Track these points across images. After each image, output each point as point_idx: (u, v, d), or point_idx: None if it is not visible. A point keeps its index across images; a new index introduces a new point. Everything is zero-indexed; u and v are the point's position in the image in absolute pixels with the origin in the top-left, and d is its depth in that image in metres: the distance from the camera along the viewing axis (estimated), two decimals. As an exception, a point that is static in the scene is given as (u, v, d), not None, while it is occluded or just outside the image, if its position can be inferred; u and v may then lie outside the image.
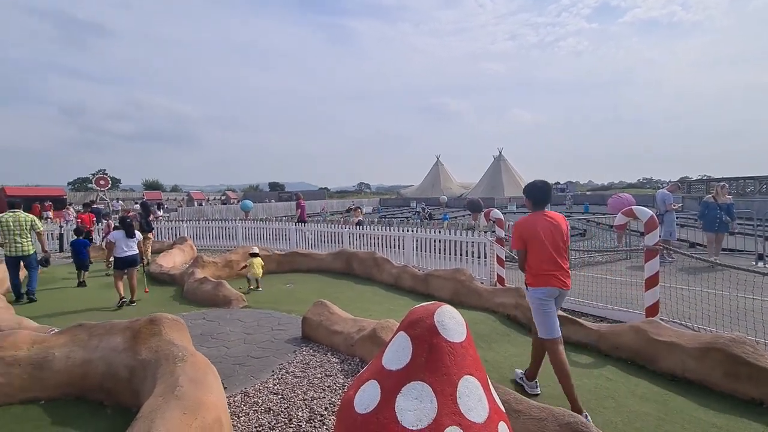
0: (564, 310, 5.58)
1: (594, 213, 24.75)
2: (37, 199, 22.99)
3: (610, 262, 9.17)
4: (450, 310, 1.50)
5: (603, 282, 6.46)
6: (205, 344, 4.47)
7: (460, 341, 1.45)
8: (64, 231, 13.64)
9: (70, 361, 3.17)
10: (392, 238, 9.47)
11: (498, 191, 49.63)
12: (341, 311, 4.58)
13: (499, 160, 55.23)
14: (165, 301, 6.65)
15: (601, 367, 3.93)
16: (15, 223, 6.62)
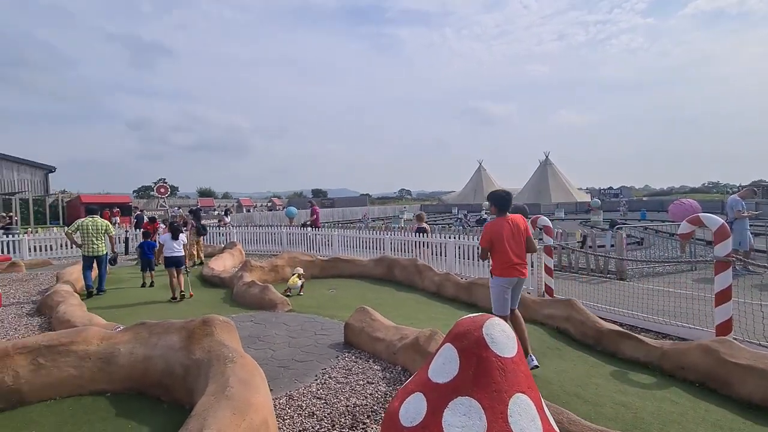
0: (621, 324, 5.21)
1: (652, 220, 23.04)
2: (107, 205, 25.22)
3: (672, 273, 8.45)
4: (499, 323, 1.43)
5: (664, 295, 5.96)
6: (252, 346, 4.64)
7: (510, 356, 1.37)
8: (129, 235, 14.84)
9: (133, 357, 3.40)
10: (434, 245, 9.35)
11: (544, 197, 47.62)
12: (383, 318, 4.57)
13: (546, 165, 53.06)
14: (216, 302, 6.99)
15: (665, 388, 3.60)
16: (93, 228, 7.50)
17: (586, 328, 4.71)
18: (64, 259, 13.26)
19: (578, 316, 4.82)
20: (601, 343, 4.54)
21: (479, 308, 6.32)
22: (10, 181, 29.70)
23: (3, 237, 13.16)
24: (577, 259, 8.98)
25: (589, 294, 6.36)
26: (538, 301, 5.58)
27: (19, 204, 24.70)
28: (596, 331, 4.58)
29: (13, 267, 10.75)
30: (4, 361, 3.14)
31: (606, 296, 6.15)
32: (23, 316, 6.16)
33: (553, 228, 6.57)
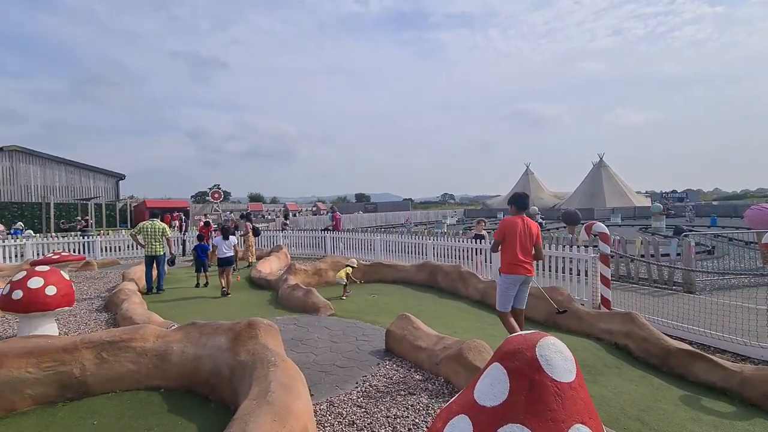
0: (691, 342, 4.71)
1: (723, 227, 20.90)
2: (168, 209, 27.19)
3: (749, 286, 7.54)
4: (555, 343, 1.29)
5: (743, 311, 5.30)
6: (295, 349, 4.70)
7: (569, 381, 1.23)
8: (186, 238, 15.84)
9: (184, 355, 3.55)
10: (478, 250, 9.06)
11: (598, 201, 44.85)
12: (425, 326, 4.45)
13: (600, 167, 49.98)
14: (262, 304, 7.22)
15: (747, 419, 3.18)
16: (152, 230, 8.18)
17: (649, 345, 4.29)
18: (131, 259, 14.40)
19: (640, 332, 4.41)
20: (668, 363, 4.12)
21: (527, 319, 5.98)
22: (87, 188, 32.94)
23: (80, 238, 14.56)
24: (638, 269, 8.30)
25: (652, 307, 5.82)
26: (594, 313, 5.19)
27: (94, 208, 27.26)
28: (662, 349, 4.16)
29: (87, 266, 11.81)
30: (73, 354, 3.40)
31: (672, 310, 5.59)
32: (93, 311, 6.72)
33: (610, 235, 6.10)
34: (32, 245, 13.59)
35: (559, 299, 5.63)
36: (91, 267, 11.84)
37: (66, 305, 5.09)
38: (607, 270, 5.82)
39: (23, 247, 13.38)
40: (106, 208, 30.15)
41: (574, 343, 4.71)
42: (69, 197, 31.18)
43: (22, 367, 3.25)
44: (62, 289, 5.02)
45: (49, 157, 31.75)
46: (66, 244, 13.98)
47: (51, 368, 3.33)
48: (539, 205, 46.03)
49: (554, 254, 7.09)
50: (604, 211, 37.73)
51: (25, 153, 30.65)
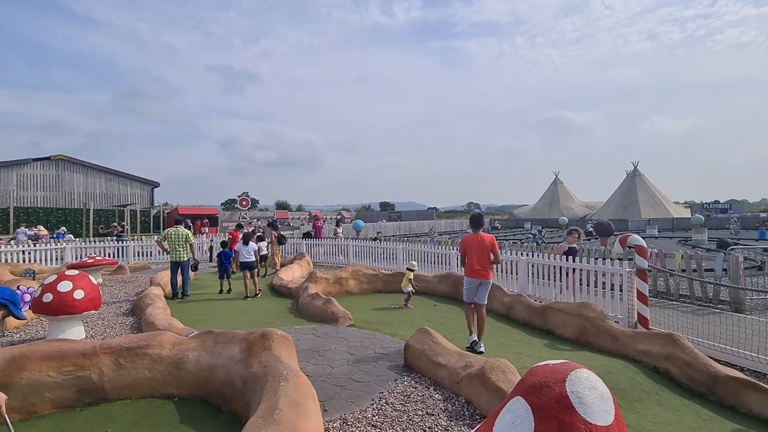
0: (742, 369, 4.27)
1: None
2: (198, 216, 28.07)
3: (809, 307, 6.87)
4: (589, 378, 1.10)
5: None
6: (311, 360, 4.59)
7: (606, 425, 1.04)
8: (213, 244, 16.20)
9: (199, 364, 3.51)
10: (504, 262, 8.73)
11: (632, 212, 42.90)
12: (446, 341, 4.24)
13: (634, 176, 47.91)
14: (282, 312, 7.18)
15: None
16: (176, 236, 8.31)
17: (694, 371, 3.91)
18: (162, 263, 14.83)
19: (683, 356, 4.03)
20: (716, 392, 3.73)
21: (556, 336, 5.67)
22: (124, 195, 34.56)
23: (114, 243, 15.18)
24: (678, 285, 7.73)
25: (695, 328, 5.36)
26: (630, 333, 4.81)
27: (130, 214, 28.50)
28: (709, 375, 3.78)
29: (120, 270, 12.25)
30: (92, 359, 3.42)
31: (718, 332, 5.12)
32: (120, 315, 6.89)
33: (647, 248, 5.69)
34: (71, 249, 14.27)
35: (590, 316, 5.28)
36: (123, 271, 12.27)
37: (93, 309, 5.22)
38: (644, 286, 5.42)
39: (63, 251, 14.08)
40: (141, 215, 31.48)
41: (608, 364, 4.37)
42: (108, 204, 32.81)
43: (43, 371, 3.29)
44: (90, 293, 5.15)
45: (90, 166, 33.59)
46: (102, 248, 14.60)
47: (71, 373, 3.36)
48: (569, 215, 44.54)
49: (585, 268, 6.70)
50: (639, 223, 36.01)
51: (70, 162, 32.57)
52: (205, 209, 38.81)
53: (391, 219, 47.79)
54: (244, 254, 8.48)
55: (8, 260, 12.49)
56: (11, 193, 29.65)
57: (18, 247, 13.34)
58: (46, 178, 31.48)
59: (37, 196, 30.82)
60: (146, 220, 32.70)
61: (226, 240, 10.33)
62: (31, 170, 30.97)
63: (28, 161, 30.90)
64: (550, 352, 5.02)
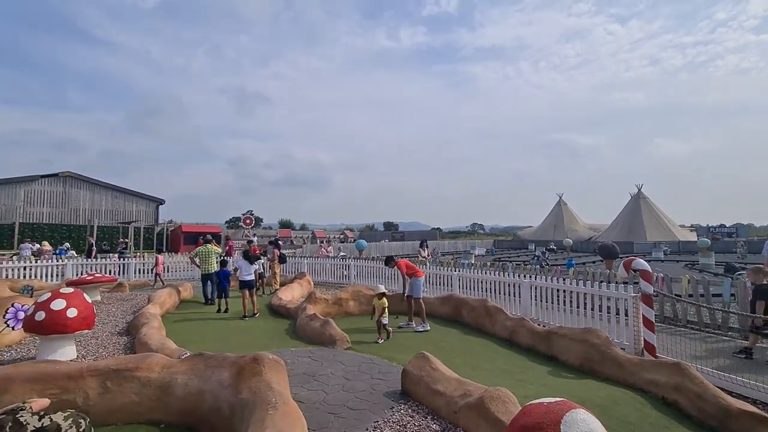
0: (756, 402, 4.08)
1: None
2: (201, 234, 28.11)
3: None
4: (586, 420, 1.02)
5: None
6: (306, 385, 4.45)
7: (604, 475, 0.94)
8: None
9: (188, 389, 3.40)
10: (506, 284, 8.58)
11: (637, 234, 42.51)
12: (445, 368, 4.09)
13: (638, 198, 47.72)
14: (279, 333, 7.03)
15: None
16: (206, 253, 9.73)
17: (704, 404, 3.73)
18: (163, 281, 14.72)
19: (693, 387, 3.86)
20: (728, 427, 3.55)
21: (560, 363, 5.48)
22: (129, 212, 34.79)
23: (116, 260, 15.15)
24: (685, 311, 7.53)
25: (704, 356, 5.17)
26: (637, 361, 4.63)
27: (134, 231, 28.61)
28: (720, 409, 3.60)
29: (119, 287, 12.15)
30: (78, 382, 3.32)
31: (728, 361, 4.93)
32: (115, 334, 6.77)
33: (652, 273, 5.56)
34: (73, 265, 14.24)
35: (595, 342, 5.11)
36: (123, 289, 12.17)
37: (85, 328, 5.12)
38: (650, 311, 5.26)
39: (64, 267, 14.05)
40: (145, 232, 31.56)
41: (613, 394, 4.19)
42: (113, 220, 33.00)
43: (26, 394, 3.19)
44: (83, 312, 5.07)
45: (97, 183, 33.98)
46: (103, 265, 14.57)
47: (55, 396, 3.25)
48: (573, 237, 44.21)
49: (588, 291, 6.55)
50: (645, 245, 35.61)
51: (77, 178, 32.99)
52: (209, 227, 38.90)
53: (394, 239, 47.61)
54: (245, 273, 8.42)
55: (9, 276, 12.46)
56: (18, 209, 29.95)
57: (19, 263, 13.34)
58: (53, 194, 31.84)
59: (43, 212, 31.10)
60: (150, 237, 32.76)
61: (225, 259, 10.26)
62: (39, 186, 31.36)
63: (36, 177, 31.33)
64: (554, 379, 4.83)
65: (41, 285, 12.25)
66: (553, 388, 4.49)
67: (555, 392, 4.28)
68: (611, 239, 38.04)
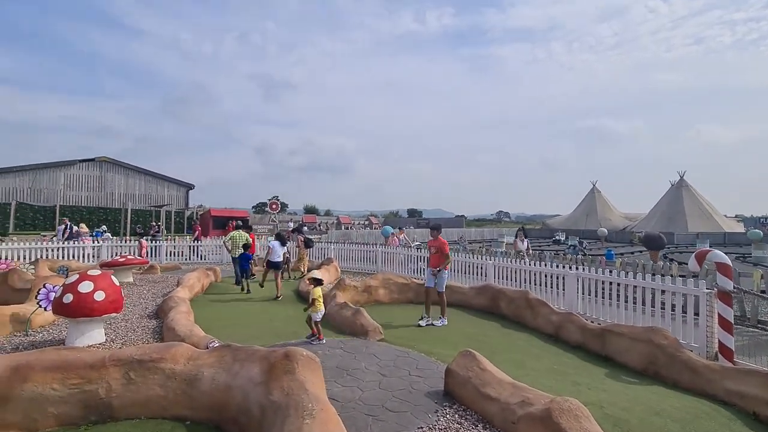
0: None
1: None
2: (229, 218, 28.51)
3: None
4: None
5: None
6: (339, 380, 4.11)
7: None
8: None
9: (214, 383, 3.10)
10: (548, 275, 7.97)
11: (678, 224, 40.11)
12: (495, 368, 3.64)
13: (680, 187, 44.87)
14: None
15: None
16: (238, 238, 10.17)
17: (813, 424, 3.12)
18: (192, 264, 14.91)
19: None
20: None
21: (617, 365, 4.92)
22: (161, 196, 35.75)
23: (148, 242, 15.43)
24: (756, 309, 6.73)
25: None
26: (717, 368, 4.02)
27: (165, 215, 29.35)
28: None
29: (151, 269, 12.31)
30: (100, 372, 3.08)
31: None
32: (144, 317, 6.68)
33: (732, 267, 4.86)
34: (107, 247, 14.59)
35: (662, 344, 4.52)
36: (155, 270, 12.31)
37: (113, 312, 4.97)
38: (728, 311, 4.60)
39: (99, 249, 14.41)
40: (176, 216, 32.36)
41: (692, 406, 3.63)
42: (145, 204, 34.00)
43: (47, 383, 2.98)
44: (110, 294, 4.91)
45: (131, 167, 35.00)
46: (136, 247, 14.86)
47: (76, 386, 3.03)
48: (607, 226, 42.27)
49: (650, 286, 5.88)
50: (687, 236, 33.54)
51: (112, 163, 34.07)
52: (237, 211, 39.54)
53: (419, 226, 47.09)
54: (276, 255, 8.78)
55: (49, 256, 12.86)
56: (59, 192, 31.27)
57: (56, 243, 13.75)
58: (91, 178, 33.04)
59: (81, 195, 32.36)
60: (180, 221, 33.60)
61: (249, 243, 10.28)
62: (77, 171, 32.59)
63: (75, 162, 32.54)
64: (615, 384, 4.30)
65: (78, 266, 12.57)
66: (617, 393, 3.97)
67: (620, 399, 3.77)
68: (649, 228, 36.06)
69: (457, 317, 7.19)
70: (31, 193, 30.57)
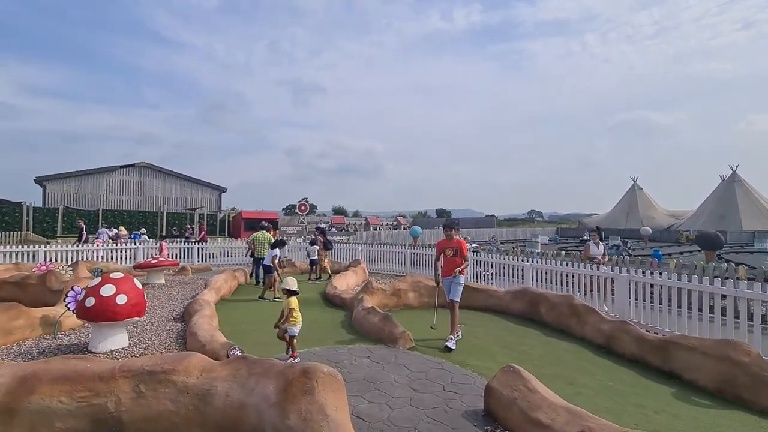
0: None
1: None
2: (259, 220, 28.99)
3: None
4: None
5: None
6: (366, 395, 3.74)
7: None
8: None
9: (228, 400, 2.81)
10: (594, 278, 7.28)
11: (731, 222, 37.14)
12: (545, 389, 3.15)
13: (732, 182, 41.58)
14: (335, 326, 6.45)
15: None
16: (261, 239, 10.17)
17: None
18: (222, 266, 15.06)
19: None
20: None
21: (683, 383, 4.27)
22: (195, 199, 36.90)
23: (181, 244, 15.75)
24: None
25: None
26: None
27: (198, 217, 30.19)
28: None
29: (182, 271, 12.47)
30: (109, 384, 2.86)
31: None
32: (170, 320, 6.60)
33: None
34: (143, 249, 14.99)
35: (741, 361, 3.85)
36: (186, 272, 12.47)
37: (136, 316, 4.84)
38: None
39: (135, 251, 14.82)
40: (209, 218, 33.26)
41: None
42: (180, 207, 35.19)
43: (54, 395, 2.78)
44: (133, 298, 4.78)
45: (167, 172, 36.33)
46: (169, 249, 15.18)
47: (84, 399, 2.82)
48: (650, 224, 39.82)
49: (717, 291, 5.14)
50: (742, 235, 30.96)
51: (151, 168, 35.49)
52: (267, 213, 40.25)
53: (448, 226, 46.09)
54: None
55: (87, 258, 13.33)
56: (102, 197, 32.90)
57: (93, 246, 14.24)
58: (131, 183, 34.56)
59: (122, 200, 33.90)
60: (213, 223, 34.52)
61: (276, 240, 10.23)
62: (118, 176, 34.18)
63: (116, 168, 34.14)
64: (687, 408, 3.68)
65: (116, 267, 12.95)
66: (691, 420, 3.37)
67: (696, 427, 3.18)
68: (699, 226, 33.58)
69: (492, 324, 6.67)
70: (77, 198, 32.32)
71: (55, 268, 9.60)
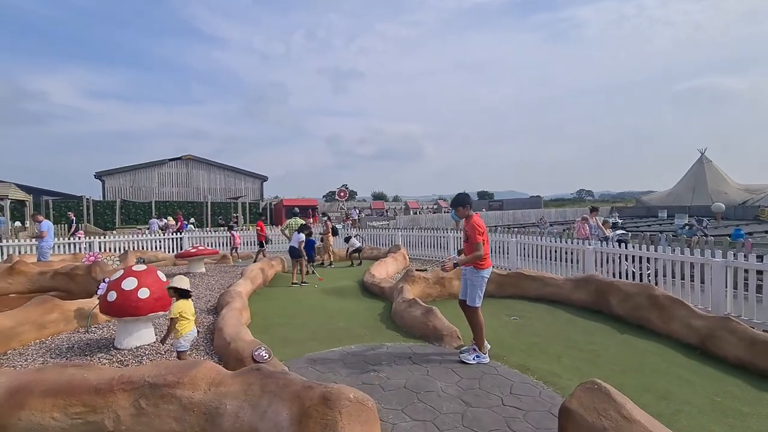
0: None
1: None
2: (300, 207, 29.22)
3: None
4: None
5: None
6: (407, 410, 3.13)
7: None
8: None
9: (238, 422, 2.30)
10: (677, 263, 6.15)
11: (822, 195, 32.44)
12: (648, 418, 2.36)
13: (824, 149, 36.25)
14: (372, 318, 5.89)
15: None
16: (295, 225, 10.23)
17: None
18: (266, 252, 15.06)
19: None
20: None
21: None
22: (238, 189, 37.95)
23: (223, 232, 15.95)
24: None
25: None
26: None
27: (242, 206, 30.96)
28: None
29: (223, 259, 12.51)
30: (106, 398, 2.45)
31: None
32: (204, 312, 6.36)
33: None
34: (189, 238, 15.32)
35: None
36: (227, 260, 12.51)
37: (160, 310, 4.53)
38: None
39: (181, 240, 15.17)
40: (251, 207, 34.09)
41: None
42: (225, 197, 36.35)
43: (46, 411, 2.41)
44: (155, 292, 4.46)
45: (212, 163, 37.56)
46: (213, 238, 15.42)
47: (79, 416, 2.43)
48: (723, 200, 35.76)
49: None
50: (838, 209, 26.85)
51: (196, 161, 36.83)
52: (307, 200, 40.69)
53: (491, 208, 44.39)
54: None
55: (135, 248, 13.78)
56: (154, 189, 34.66)
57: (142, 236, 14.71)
58: (179, 175, 36.10)
59: (172, 191, 35.55)
60: (256, 212, 35.37)
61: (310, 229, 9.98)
62: (168, 169, 35.80)
63: (165, 161, 35.75)
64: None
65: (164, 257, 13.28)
66: None
67: None
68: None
69: (551, 317, 5.82)
70: (133, 191, 34.27)
71: (102, 258, 9.85)
